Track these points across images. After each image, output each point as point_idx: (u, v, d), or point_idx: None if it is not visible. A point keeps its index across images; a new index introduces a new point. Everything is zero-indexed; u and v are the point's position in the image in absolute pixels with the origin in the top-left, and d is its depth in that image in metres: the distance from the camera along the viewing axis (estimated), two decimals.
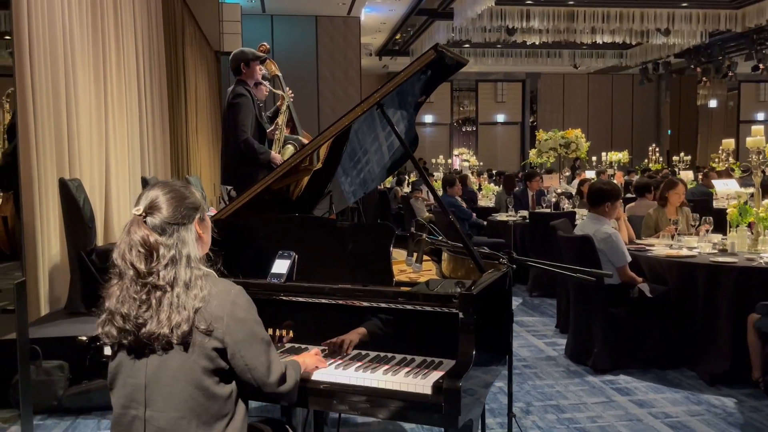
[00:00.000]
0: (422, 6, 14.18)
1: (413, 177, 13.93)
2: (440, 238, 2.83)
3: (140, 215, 1.67)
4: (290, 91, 4.71)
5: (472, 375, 1.93)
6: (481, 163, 20.16)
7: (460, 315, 1.95)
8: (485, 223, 8.00)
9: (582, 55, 18.94)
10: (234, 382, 1.75)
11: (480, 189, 11.11)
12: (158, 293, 1.64)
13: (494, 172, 15.22)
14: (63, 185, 4.31)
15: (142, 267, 1.63)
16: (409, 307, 2.03)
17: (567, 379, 4.11)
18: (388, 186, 13.04)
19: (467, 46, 17.59)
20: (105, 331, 1.67)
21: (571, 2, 13.59)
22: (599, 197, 4.41)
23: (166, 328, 1.62)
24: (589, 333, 4.36)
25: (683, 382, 4.05)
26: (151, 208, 1.69)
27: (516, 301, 6.47)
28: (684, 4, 13.81)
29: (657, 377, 4.12)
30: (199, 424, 1.66)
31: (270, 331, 2.18)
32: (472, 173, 14.53)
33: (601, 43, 16.21)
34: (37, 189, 4.29)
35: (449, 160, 18.68)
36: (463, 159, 19.66)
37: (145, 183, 5.38)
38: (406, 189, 12.42)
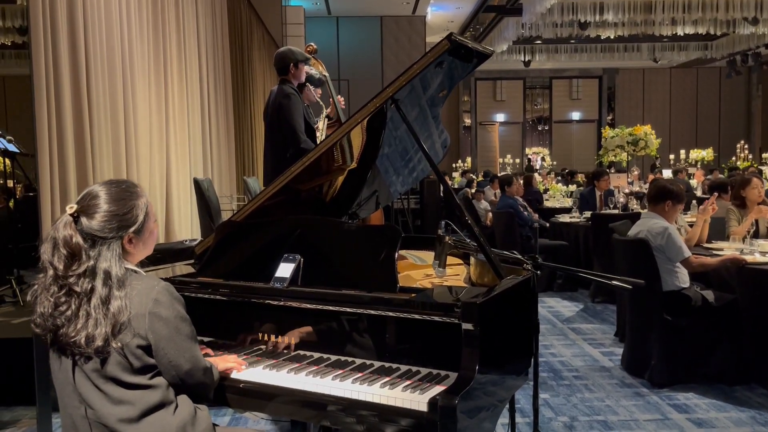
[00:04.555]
0: (490, 3, 13.87)
1: (479, 178, 13.64)
2: (468, 241, 2.67)
3: (72, 214, 1.64)
4: (341, 98, 4.61)
5: (475, 391, 1.77)
6: (555, 163, 19.54)
7: (463, 325, 1.80)
8: (548, 224, 7.69)
9: (662, 48, 17.92)
10: None
11: (546, 190, 10.70)
12: (76, 299, 1.61)
13: (566, 171, 14.65)
14: None
15: (60, 267, 1.61)
16: (410, 315, 1.89)
17: (620, 393, 3.82)
18: (456, 187, 12.81)
19: (539, 42, 17.08)
20: (33, 321, 1.66)
21: None
22: (661, 195, 4.12)
23: (81, 338, 1.58)
24: (646, 343, 4.06)
25: (752, 400, 3.69)
26: (84, 211, 1.66)
27: (577, 307, 6.15)
28: None
29: (722, 394, 3.77)
30: (142, 415, 1.65)
31: (270, 337, 2.10)
32: (540, 173, 14.07)
33: (682, 34, 15.29)
34: None
35: (518, 160, 18.20)
36: (541, 158, 19.19)
37: (197, 184, 5.45)
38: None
